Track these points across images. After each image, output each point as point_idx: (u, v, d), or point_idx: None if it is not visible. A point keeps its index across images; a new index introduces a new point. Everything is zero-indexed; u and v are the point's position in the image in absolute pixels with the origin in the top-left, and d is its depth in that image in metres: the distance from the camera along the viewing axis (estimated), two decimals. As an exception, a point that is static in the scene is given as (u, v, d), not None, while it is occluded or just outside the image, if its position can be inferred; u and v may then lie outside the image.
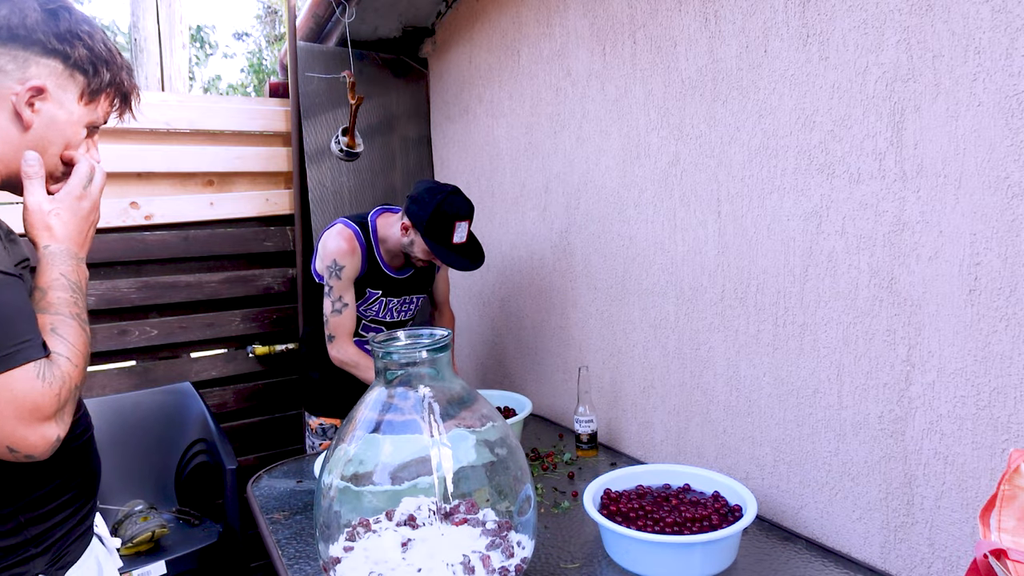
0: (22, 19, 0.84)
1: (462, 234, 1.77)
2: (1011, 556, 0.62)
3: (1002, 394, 0.97)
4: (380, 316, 1.99)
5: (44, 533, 0.90)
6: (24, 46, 0.85)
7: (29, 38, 0.85)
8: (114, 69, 0.93)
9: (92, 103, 0.93)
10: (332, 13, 2.47)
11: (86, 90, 0.91)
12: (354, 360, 1.87)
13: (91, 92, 0.92)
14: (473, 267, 1.80)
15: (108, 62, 0.92)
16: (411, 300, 2.03)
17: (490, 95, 2.32)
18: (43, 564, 0.89)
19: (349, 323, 1.88)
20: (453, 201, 1.75)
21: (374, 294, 1.93)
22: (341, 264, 1.83)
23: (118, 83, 0.95)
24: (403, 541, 1.08)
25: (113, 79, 0.94)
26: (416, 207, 1.77)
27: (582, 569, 1.21)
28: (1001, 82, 0.93)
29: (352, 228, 1.86)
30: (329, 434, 2.04)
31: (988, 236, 0.96)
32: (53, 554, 0.91)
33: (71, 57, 0.88)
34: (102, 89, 0.93)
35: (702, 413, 1.54)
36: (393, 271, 1.93)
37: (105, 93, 0.94)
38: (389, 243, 1.88)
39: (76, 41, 0.88)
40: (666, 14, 1.51)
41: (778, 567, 1.18)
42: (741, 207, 1.37)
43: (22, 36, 0.85)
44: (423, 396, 1.09)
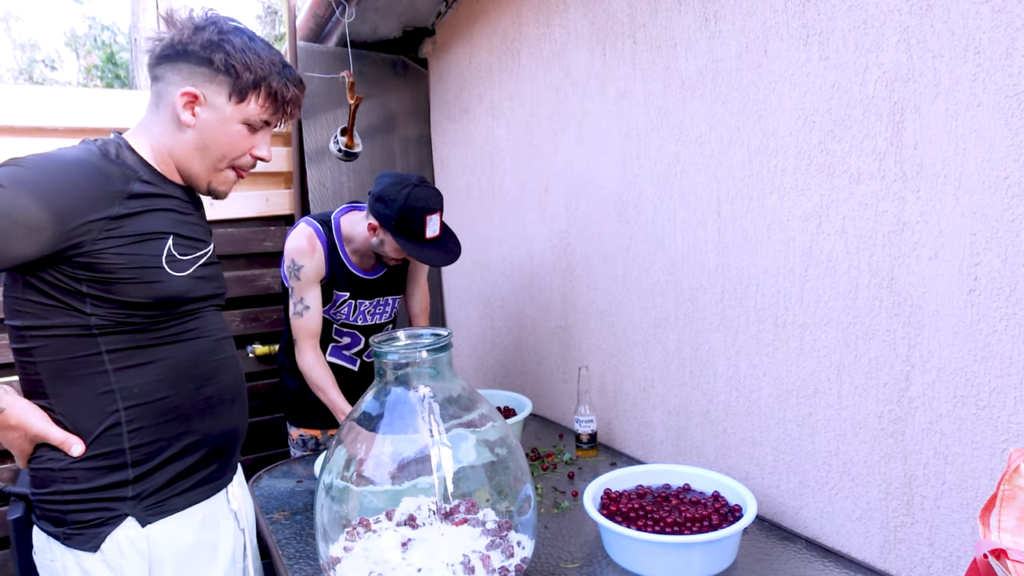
0: (180, 36, 1.02)
1: (434, 227, 1.67)
2: (1011, 556, 0.62)
3: (1002, 394, 0.97)
4: (351, 320, 1.89)
5: (143, 477, 1.02)
6: (185, 59, 1.03)
7: (186, 51, 1.02)
8: (258, 71, 1.05)
9: (242, 102, 1.06)
10: (332, 13, 2.47)
11: (233, 90, 1.05)
12: (309, 372, 1.76)
13: (239, 92, 1.05)
14: (451, 260, 1.72)
15: (250, 65, 1.05)
16: (385, 302, 1.93)
17: (490, 95, 2.32)
18: (133, 506, 1.02)
19: (311, 326, 1.77)
20: (420, 194, 1.65)
21: (341, 296, 1.83)
22: (300, 264, 1.73)
23: (265, 84, 1.07)
24: (403, 541, 1.08)
25: (258, 80, 1.06)
26: (381, 205, 1.66)
27: (582, 569, 1.21)
28: (1001, 82, 0.93)
29: (313, 227, 1.77)
30: (310, 446, 1.97)
31: (988, 236, 0.96)
32: (152, 500, 1.03)
33: (214, 63, 1.02)
34: (248, 89, 1.05)
35: (702, 413, 1.54)
36: (362, 272, 1.84)
37: (253, 93, 1.06)
38: (356, 242, 1.78)
39: (218, 49, 1.02)
40: (666, 14, 1.51)
41: (778, 567, 1.18)
42: (741, 207, 1.37)
43: (179, 52, 1.02)
44: (423, 396, 1.09)
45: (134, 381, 1.01)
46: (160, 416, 1.03)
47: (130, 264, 0.96)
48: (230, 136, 1.07)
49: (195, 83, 1.03)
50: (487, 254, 2.47)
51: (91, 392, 0.99)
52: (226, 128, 1.06)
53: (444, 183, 2.79)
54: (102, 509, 1.00)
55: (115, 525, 1.00)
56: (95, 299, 0.96)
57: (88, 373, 0.98)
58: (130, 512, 1.01)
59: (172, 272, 1.01)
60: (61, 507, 0.99)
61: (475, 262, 2.57)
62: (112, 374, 0.99)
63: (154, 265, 0.99)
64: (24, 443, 0.99)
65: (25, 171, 0.90)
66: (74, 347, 0.97)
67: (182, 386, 1.06)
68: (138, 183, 1.00)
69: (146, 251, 0.98)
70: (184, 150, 1.06)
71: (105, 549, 0.99)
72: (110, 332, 0.98)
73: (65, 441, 0.98)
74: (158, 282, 0.99)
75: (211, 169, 1.09)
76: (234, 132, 1.07)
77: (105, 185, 0.95)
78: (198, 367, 1.08)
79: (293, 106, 1.12)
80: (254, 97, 1.07)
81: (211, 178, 1.11)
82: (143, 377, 1.02)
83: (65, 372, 0.98)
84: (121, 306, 0.97)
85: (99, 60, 11.21)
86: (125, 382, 1.00)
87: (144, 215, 0.99)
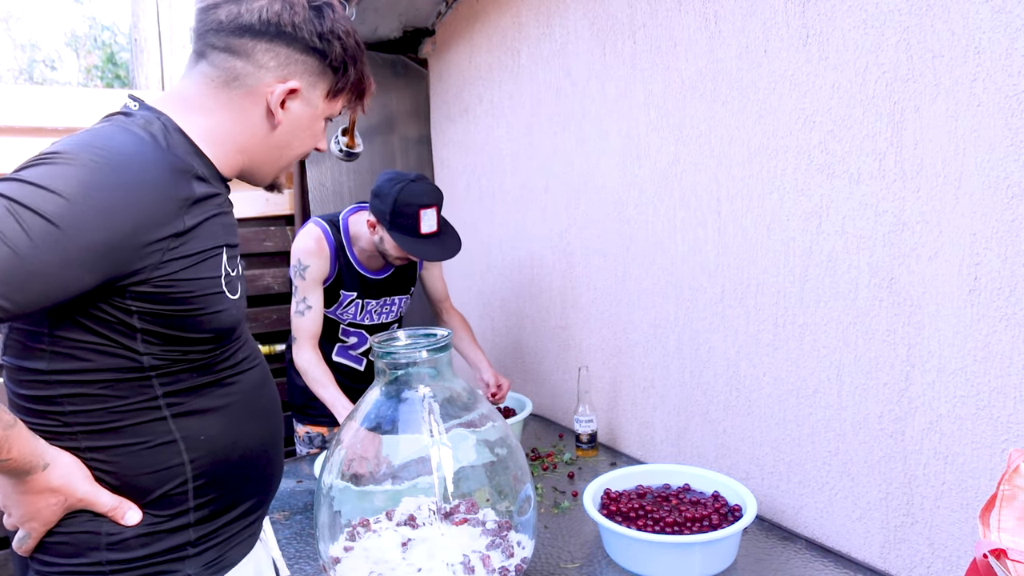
0: (291, 16, 0.84)
1: (430, 223, 1.67)
2: (1011, 556, 0.62)
3: (1002, 394, 0.97)
4: (358, 319, 1.90)
5: (207, 536, 0.85)
6: (287, 43, 0.85)
7: (294, 35, 0.84)
8: (359, 67, 0.93)
9: (335, 99, 0.93)
10: (332, 13, 2.47)
11: (332, 88, 0.91)
12: (307, 369, 1.75)
13: (336, 90, 0.92)
14: (447, 255, 1.71)
15: (356, 60, 0.92)
16: (391, 302, 1.94)
17: (490, 95, 2.32)
18: (197, 565, 0.85)
19: (312, 326, 1.77)
20: (415, 189, 1.65)
21: (348, 296, 1.84)
22: (306, 264, 1.74)
23: (359, 80, 0.94)
24: (403, 541, 1.08)
25: (358, 77, 0.93)
26: (378, 200, 1.67)
27: (582, 569, 1.21)
28: (1001, 82, 0.93)
29: (321, 227, 1.78)
30: (316, 443, 1.98)
31: (988, 236, 0.96)
32: (211, 556, 0.86)
33: (328, 56, 0.88)
34: (346, 87, 0.93)
35: (702, 413, 1.54)
36: (369, 272, 1.85)
37: (349, 91, 0.94)
38: (362, 242, 1.79)
39: (335, 40, 0.88)
40: (666, 14, 1.51)
41: (778, 567, 1.18)
42: (741, 207, 1.37)
43: (288, 34, 0.84)
44: (423, 396, 1.09)
45: (198, 428, 0.83)
46: (226, 464, 0.86)
47: (195, 291, 0.78)
48: (314, 133, 0.94)
49: (294, 73, 0.86)
50: (487, 254, 2.47)
51: (147, 444, 0.79)
52: (313, 125, 0.93)
53: (444, 183, 2.79)
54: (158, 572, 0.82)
55: None
56: (149, 335, 0.77)
57: (142, 422, 0.79)
58: (191, 572, 0.84)
59: (229, 295, 0.83)
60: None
61: (475, 262, 2.57)
62: (171, 421, 0.81)
63: (215, 290, 0.80)
64: (57, 511, 0.77)
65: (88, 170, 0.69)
66: (124, 392, 0.77)
67: (247, 427, 0.89)
68: (197, 183, 0.79)
69: (207, 272, 0.79)
70: (264, 146, 0.89)
71: None
72: (167, 372, 0.80)
73: (118, 508, 0.78)
74: (222, 310, 0.82)
75: (285, 165, 0.95)
76: (318, 128, 0.94)
77: (172, 191, 0.75)
78: (257, 403, 0.92)
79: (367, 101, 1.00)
80: (346, 94, 0.94)
81: (279, 173, 0.96)
82: (208, 422, 0.83)
83: (110, 422, 0.78)
84: (179, 342, 0.79)
85: (99, 60, 11.22)
86: (189, 430, 0.82)
87: (204, 225, 0.79)
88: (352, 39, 0.91)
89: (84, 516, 0.78)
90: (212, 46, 0.84)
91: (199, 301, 0.79)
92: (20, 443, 0.70)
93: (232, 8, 0.83)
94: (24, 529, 0.77)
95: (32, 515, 0.76)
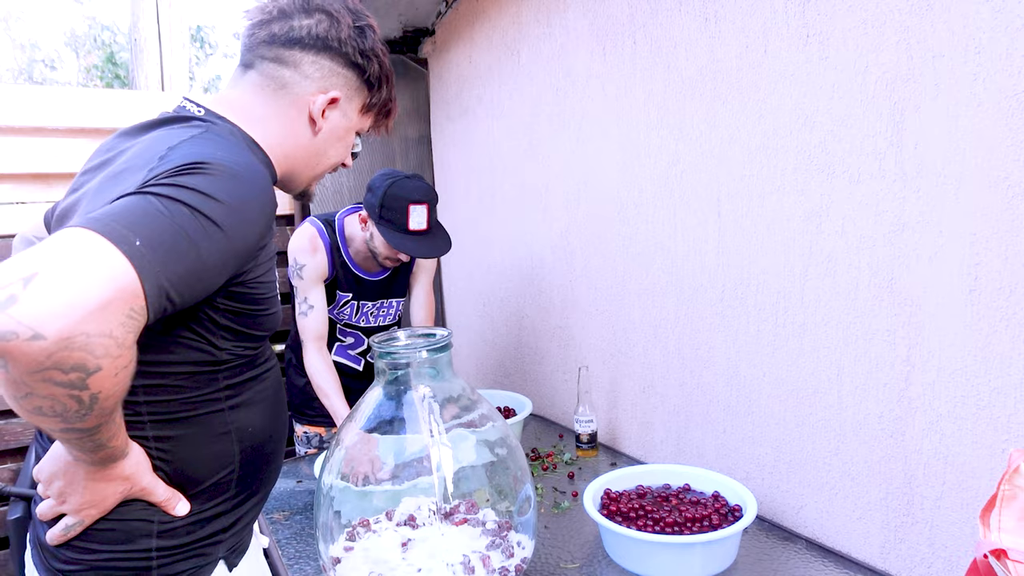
0: (337, 33, 0.91)
1: (420, 220, 1.64)
2: (1011, 556, 0.62)
3: (1002, 394, 0.97)
4: (354, 321, 1.88)
5: (236, 522, 0.92)
6: (332, 56, 0.92)
7: (339, 50, 0.92)
8: (390, 87, 1.01)
9: (367, 115, 1.00)
10: (332, 13, 2.47)
11: (367, 102, 0.98)
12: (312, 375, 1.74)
13: (370, 105, 0.99)
14: (432, 254, 1.70)
15: (389, 79, 0.99)
16: (388, 304, 1.92)
17: (490, 95, 2.32)
18: (226, 548, 0.91)
19: (317, 326, 1.75)
20: (406, 184, 1.64)
21: (344, 297, 1.83)
22: (302, 262, 1.73)
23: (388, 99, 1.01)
24: (403, 541, 1.08)
25: (388, 96, 1.01)
26: (369, 194, 1.66)
27: (582, 569, 1.21)
28: (1001, 82, 0.93)
29: (316, 226, 1.77)
30: (314, 443, 1.98)
31: (988, 236, 0.96)
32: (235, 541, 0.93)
33: (367, 72, 0.95)
34: (379, 104, 1.00)
35: (702, 413, 1.54)
36: (365, 273, 1.83)
37: (377, 108, 1.01)
38: (357, 243, 1.78)
39: (375, 58, 0.95)
40: (666, 14, 1.51)
41: (778, 567, 1.18)
42: (741, 207, 1.37)
43: (333, 48, 0.91)
44: (423, 396, 1.09)
45: (247, 419, 0.88)
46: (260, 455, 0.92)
47: (266, 293, 0.85)
48: (346, 144, 1.00)
49: (335, 84, 0.93)
50: (487, 254, 2.47)
51: (208, 435, 0.84)
52: (346, 137, 0.99)
53: (444, 183, 2.79)
54: (198, 556, 0.87)
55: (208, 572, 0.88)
56: (226, 331, 0.82)
57: (207, 413, 0.84)
58: (222, 555, 0.90)
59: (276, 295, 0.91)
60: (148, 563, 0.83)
61: (475, 262, 2.57)
62: (227, 413, 0.86)
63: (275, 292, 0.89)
64: (118, 500, 0.80)
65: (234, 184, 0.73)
66: (197, 384, 0.82)
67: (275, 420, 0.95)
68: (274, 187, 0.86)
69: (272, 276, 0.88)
70: (304, 153, 0.95)
71: None
72: (231, 366, 0.86)
73: (171, 499, 0.82)
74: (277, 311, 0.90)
75: (319, 174, 1.00)
76: (349, 141, 1.00)
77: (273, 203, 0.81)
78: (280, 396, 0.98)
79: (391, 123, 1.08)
80: (375, 112, 1.01)
81: (313, 182, 1.02)
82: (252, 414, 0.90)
83: (180, 413, 0.82)
84: (245, 338, 0.85)
85: (99, 60, 11.22)
86: (239, 422, 0.87)
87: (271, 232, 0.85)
88: (387, 60, 0.98)
89: (138, 505, 0.81)
90: (262, 57, 0.91)
91: (267, 302, 0.87)
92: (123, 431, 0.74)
93: (284, 23, 0.90)
94: (79, 516, 0.79)
95: (96, 502, 0.78)
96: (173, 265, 0.64)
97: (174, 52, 5.64)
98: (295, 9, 0.91)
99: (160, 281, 0.62)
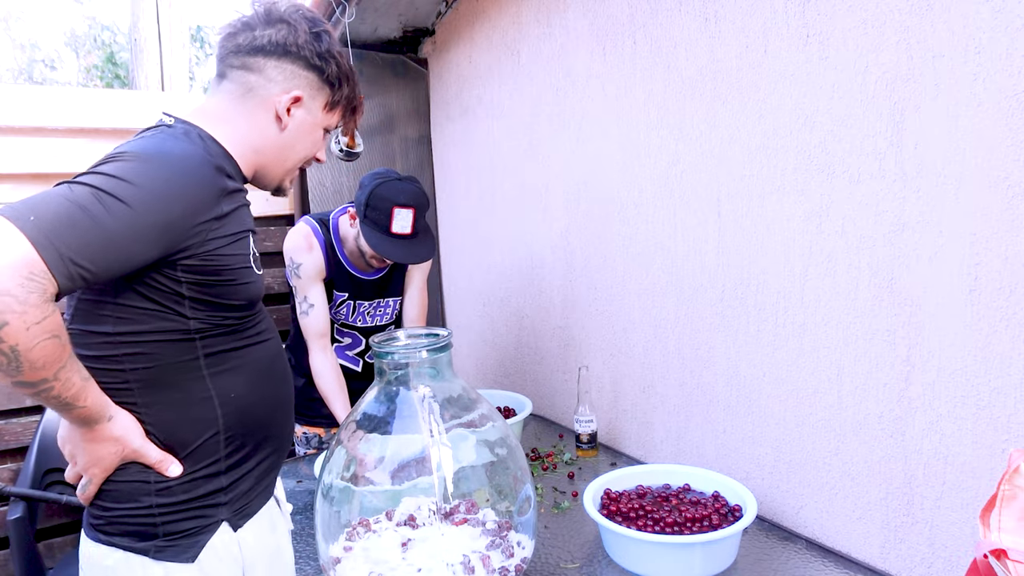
0: (295, 38, 1.01)
1: (404, 224, 1.62)
2: (1011, 556, 0.62)
3: (1002, 394, 0.97)
4: (351, 320, 1.87)
5: (234, 483, 0.98)
6: (292, 60, 1.02)
7: (298, 54, 1.02)
8: (352, 86, 1.10)
9: (332, 112, 1.09)
10: (332, 13, 2.47)
11: (330, 100, 1.08)
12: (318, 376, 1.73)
13: (333, 103, 1.08)
14: (412, 260, 1.68)
15: (349, 78, 1.09)
16: (385, 304, 1.91)
17: (490, 95, 2.32)
18: (229, 511, 0.98)
19: (318, 325, 1.74)
20: (395, 186, 1.62)
21: (340, 296, 1.82)
22: (298, 261, 1.73)
23: (351, 96, 1.11)
24: (403, 541, 1.08)
25: (351, 94, 1.11)
26: (359, 192, 1.65)
27: (582, 569, 1.21)
28: (1001, 82, 0.93)
29: (311, 225, 1.76)
30: (313, 443, 1.97)
31: (988, 236, 0.96)
32: (238, 504, 0.99)
33: (326, 72, 1.04)
34: (341, 102, 1.10)
35: (702, 413, 1.54)
36: (361, 272, 1.82)
37: (342, 105, 1.11)
38: (350, 242, 1.77)
39: (332, 60, 1.05)
40: (666, 14, 1.51)
41: (778, 567, 1.18)
42: (741, 207, 1.37)
43: (292, 52, 1.01)
44: (423, 396, 1.09)
45: (229, 385, 0.97)
46: (249, 420, 1.00)
47: (230, 265, 0.93)
48: (314, 140, 1.09)
49: (298, 85, 1.03)
50: (487, 254, 2.47)
51: (190, 399, 0.94)
52: (313, 133, 1.08)
53: (444, 183, 2.79)
54: (200, 516, 0.95)
55: (212, 532, 0.96)
56: (195, 301, 0.91)
57: (186, 379, 0.93)
58: (225, 517, 0.97)
59: (256, 271, 1.00)
60: (152, 519, 0.92)
61: (475, 262, 2.57)
62: (209, 379, 0.95)
63: (245, 265, 0.97)
64: (116, 460, 0.90)
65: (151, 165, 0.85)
66: (173, 352, 0.92)
67: (266, 388, 1.03)
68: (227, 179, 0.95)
69: (240, 250, 0.95)
70: (273, 148, 1.04)
71: (203, 558, 0.94)
72: (207, 335, 0.94)
73: (163, 461, 0.91)
74: (251, 282, 0.98)
75: (290, 168, 1.10)
76: (317, 136, 1.09)
77: (214, 182, 0.91)
78: (274, 367, 1.06)
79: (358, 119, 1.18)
80: (340, 109, 1.11)
81: (284, 178, 1.11)
82: (236, 380, 0.98)
83: (161, 379, 0.92)
84: (218, 308, 0.94)
85: (99, 60, 11.22)
86: (222, 387, 0.96)
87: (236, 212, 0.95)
88: (345, 61, 1.08)
89: (135, 468, 0.91)
90: (231, 66, 1.02)
91: (233, 273, 0.94)
92: (93, 394, 0.85)
93: (249, 34, 1.01)
94: (87, 475, 0.90)
95: (95, 462, 0.89)
96: (68, 236, 0.75)
97: (174, 52, 5.64)
98: (258, 21, 1.01)
99: (58, 249, 0.74)
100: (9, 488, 1.82)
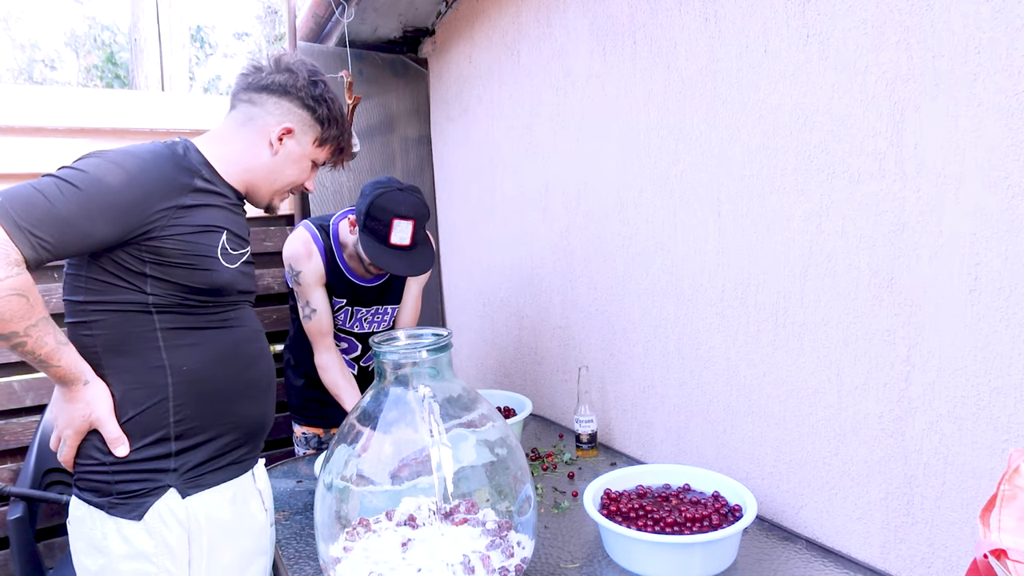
0: (295, 82, 1.22)
1: (403, 235, 1.61)
2: (1011, 556, 0.62)
3: (1002, 394, 0.97)
4: (348, 326, 1.87)
5: (184, 452, 1.10)
6: (290, 99, 1.22)
7: (295, 95, 1.22)
8: (340, 129, 1.29)
9: (321, 147, 1.29)
10: (332, 13, 2.48)
11: (319, 137, 1.27)
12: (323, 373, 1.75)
13: (322, 140, 1.27)
14: (411, 272, 1.66)
15: (338, 122, 1.28)
16: (383, 310, 1.90)
17: (490, 95, 2.32)
18: (175, 478, 1.09)
19: (321, 325, 1.75)
20: (396, 197, 1.60)
21: (338, 302, 1.82)
22: (297, 269, 1.73)
23: (340, 139, 1.31)
24: (403, 541, 1.08)
25: (338, 136, 1.30)
26: (360, 200, 1.64)
27: (582, 569, 1.21)
28: (1001, 82, 0.93)
29: (310, 231, 1.76)
30: (312, 443, 1.97)
31: (988, 236, 0.96)
32: (190, 475, 1.11)
33: (317, 112, 1.24)
34: (329, 140, 1.29)
35: (702, 413, 1.54)
36: (360, 279, 1.81)
37: (330, 143, 1.30)
38: (350, 248, 1.76)
39: (323, 103, 1.25)
40: (666, 14, 1.51)
41: (778, 567, 1.18)
42: (741, 207, 1.37)
43: (291, 93, 1.22)
44: (423, 396, 1.09)
45: (183, 359, 1.09)
46: (204, 395, 1.11)
47: (191, 251, 1.07)
48: (301, 169, 1.27)
49: (291, 120, 1.22)
50: (487, 254, 2.47)
51: (144, 366, 1.07)
52: (300, 163, 1.26)
53: (444, 183, 2.79)
54: (146, 480, 1.07)
55: (158, 495, 1.07)
56: (155, 280, 1.05)
57: (142, 348, 1.07)
58: (172, 483, 1.08)
59: (224, 263, 1.12)
60: (108, 477, 1.05)
61: (475, 262, 2.57)
62: (164, 351, 1.08)
63: (210, 255, 1.10)
64: (85, 424, 1.04)
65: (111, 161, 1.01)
66: (132, 322, 1.06)
67: (225, 369, 1.14)
68: (199, 179, 1.11)
69: (205, 241, 1.09)
70: (263, 170, 1.22)
71: (148, 519, 1.06)
72: (165, 311, 1.07)
73: (116, 440, 1.05)
74: (213, 271, 1.10)
75: (278, 190, 1.27)
76: (304, 166, 1.28)
77: (177, 177, 1.07)
78: (240, 353, 1.17)
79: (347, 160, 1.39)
80: (328, 146, 1.30)
81: (273, 197, 1.28)
82: (191, 356, 1.10)
83: (121, 345, 1.06)
84: (178, 288, 1.07)
85: (99, 60, 11.21)
86: (175, 360, 1.09)
87: (204, 208, 1.10)
88: (337, 106, 1.28)
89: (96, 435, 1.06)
90: (240, 100, 1.23)
91: (195, 259, 1.08)
92: (69, 357, 1.01)
93: (258, 75, 1.22)
94: (64, 436, 1.06)
95: (68, 423, 1.05)
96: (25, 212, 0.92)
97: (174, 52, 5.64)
98: (268, 67, 1.22)
99: (16, 222, 0.91)
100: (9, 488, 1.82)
